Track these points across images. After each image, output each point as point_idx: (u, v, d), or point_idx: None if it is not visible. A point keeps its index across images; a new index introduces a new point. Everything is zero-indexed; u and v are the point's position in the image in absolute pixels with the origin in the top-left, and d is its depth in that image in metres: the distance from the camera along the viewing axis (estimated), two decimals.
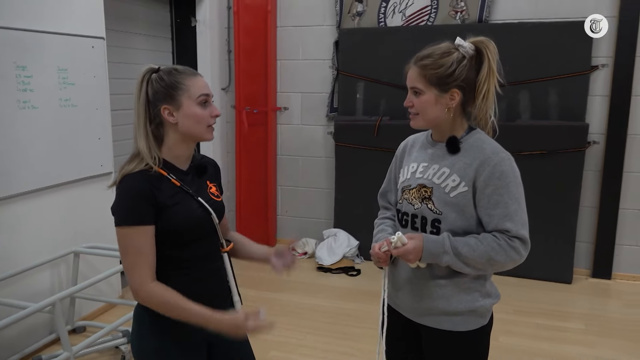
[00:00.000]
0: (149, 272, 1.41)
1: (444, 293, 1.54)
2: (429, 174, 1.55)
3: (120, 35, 4.16)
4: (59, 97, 3.09)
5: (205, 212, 1.52)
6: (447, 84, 1.48)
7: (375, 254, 1.57)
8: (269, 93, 4.70)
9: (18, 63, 2.81)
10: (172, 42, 4.83)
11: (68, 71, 3.14)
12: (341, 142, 4.58)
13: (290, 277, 4.14)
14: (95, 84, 3.36)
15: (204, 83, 1.51)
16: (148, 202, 1.41)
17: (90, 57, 3.30)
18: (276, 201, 5.01)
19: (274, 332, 3.27)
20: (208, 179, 1.60)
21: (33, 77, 2.91)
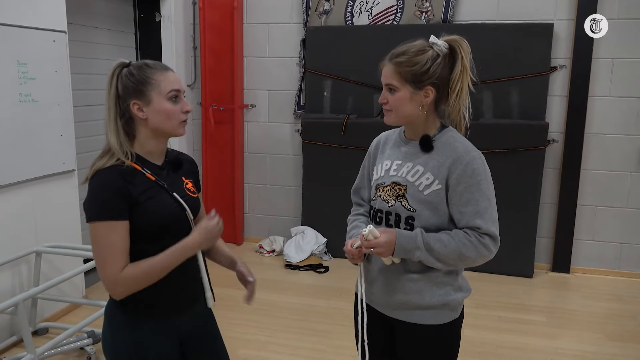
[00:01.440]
0: (122, 265, 1.39)
1: (417, 287, 1.57)
2: (402, 172, 1.58)
3: (83, 29, 4.05)
4: (19, 91, 2.99)
5: (180, 208, 1.50)
6: (422, 81, 1.50)
7: (348, 251, 1.59)
8: (235, 90, 4.67)
9: None
10: (135, 37, 4.73)
11: (28, 65, 3.04)
12: (309, 139, 4.59)
13: (257, 275, 4.15)
14: (56, 79, 3.26)
15: (174, 78, 1.49)
16: (122, 197, 1.39)
17: (51, 51, 3.20)
18: (243, 199, 4.98)
19: (242, 330, 3.26)
20: (184, 175, 1.59)
21: None
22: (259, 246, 4.78)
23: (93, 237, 1.39)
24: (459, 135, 1.59)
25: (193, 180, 1.63)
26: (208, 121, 4.76)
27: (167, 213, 1.47)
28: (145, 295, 1.45)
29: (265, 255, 4.68)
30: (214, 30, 4.62)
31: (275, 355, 3.00)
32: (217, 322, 1.77)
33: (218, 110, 4.74)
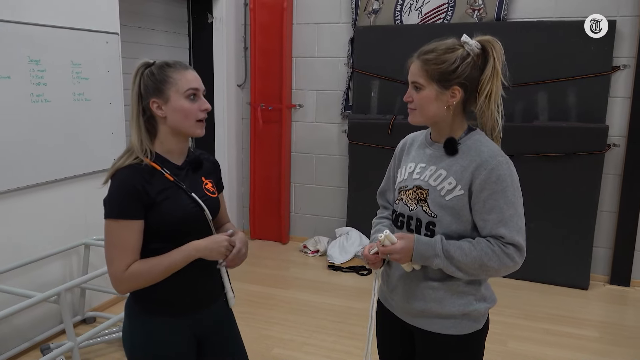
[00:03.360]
0: (127, 263, 1.41)
1: (437, 296, 1.51)
2: (425, 176, 1.52)
3: (138, 31, 4.20)
4: (73, 91, 3.14)
5: (198, 208, 1.51)
6: (449, 80, 1.44)
7: (365, 256, 1.55)
8: (283, 90, 4.70)
9: (32, 57, 2.86)
10: (189, 38, 4.86)
11: (82, 66, 3.19)
12: (355, 140, 4.55)
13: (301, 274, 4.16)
14: (108, 78, 3.40)
15: (193, 77, 1.49)
16: (138, 196, 1.41)
17: (104, 52, 3.34)
18: (290, 199, 5.01)
19: (279, 329, 3.27)
20: (203, 175, 1.59)
21: (47, 71, 2.96)
22: (303, 246, 4.79)
23: (106, 233, 1.42)
24: (487, 139, 1.51)
25: (214, 180, 1.63)
26: (256, 121, 4.82)
27: (183, 214, 1.48)
28: (160, 290, 1.47)
29: (309, 255, 4.68)
30: (264, 31, 4.67)
31: (308, 356, 2.99)
32: (237, 324, 1.75)
33: (266, 110, 4.79)
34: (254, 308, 3.61)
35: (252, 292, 3.88)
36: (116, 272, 1.40)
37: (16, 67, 2.78)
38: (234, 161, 5.03)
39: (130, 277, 1.40)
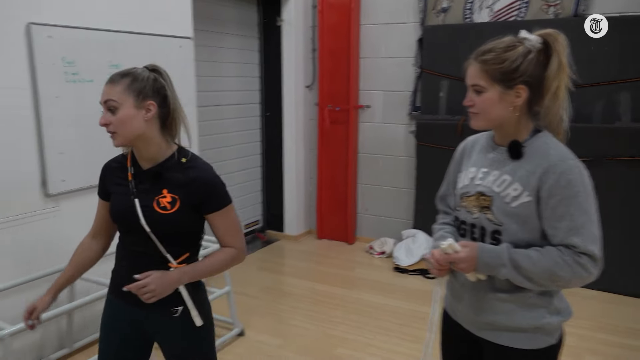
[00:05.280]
0: (90, 232, 1.72)
1: (506, 308, 1.43)
2: (488, 181, 1.45)
3: (210, 35, 4.36)
4: None
5: (134, 213, 1.52)
6: (513, 79, 1.37)
7: (436, 260, 1.46)
8: (351, 91, 4.71)
9: (112, 62, 3.04)
10: (259, 41, 4.98)
11: None
12: (423, 141, 4.48)
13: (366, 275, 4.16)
14: (182, 81, 3.55)
15: (104, 89, 1.51)
16: (102, 180, 1.66)
17: (178, 56, 3.50)
18: (356, 199, 5.01)
19: (343, 329, 3.28)
20: (166, 188, 1.53)
21: None
22: (369, 247, 4.77)
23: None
24: (554, 140, 1.42)
25: (182, 196, 1.53)
26: (324, 121, 4.86)
27: (118, 211, 1.58)
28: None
29: (375, 256, 4.66)
30: (332, 32, 4.71)
31: (371, 357, 2.98)
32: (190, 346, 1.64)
33: (334, 110, 4.83)
34: (319, 306, 3.65)
35: (317, 291, 3.92)
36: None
37: (99, 71, 2.97)
38: (302, 161, 5.11)
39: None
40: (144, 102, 1.48)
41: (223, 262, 1.59)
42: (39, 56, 2.66)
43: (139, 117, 1.48)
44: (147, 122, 1.50)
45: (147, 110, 1.49)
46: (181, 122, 1.57)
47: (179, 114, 1.56)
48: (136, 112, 1.48)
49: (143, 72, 1.52)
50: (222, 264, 1.59)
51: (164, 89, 1.53)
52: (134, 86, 1.48)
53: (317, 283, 4.07)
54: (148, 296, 1.45)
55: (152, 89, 1.50)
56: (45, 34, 2.68)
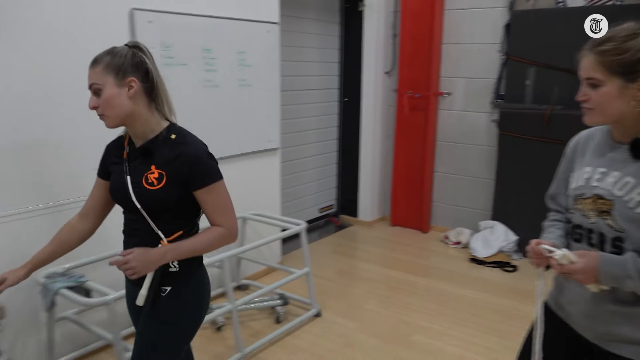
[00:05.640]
0: (81, 211, 1.71)
1: (630, 321, 1.33)
2: (607, 183, 1.34)
3: (293, 20, 4.42)
4: (237, 77, 3.42)
5: (127, 190, 1.54)
6: (635, 71, 1.26)
7: (531, 249, 1.41)
8: (431, 77, 4.63)
9: (205, 46, 3.16)
10: (340, 26, 4.99)
11: (245, 54, 3.45)
12: (506, 130, 4.35)
13: (441, 265, 4.12)
14: (268, 65, 3.63)
15: (88, 74, 1.50)
16: (103, 160, 1.67)
17: (265, 41, 3.58)
18: (432, 187, 4.95)
19: (418, 317, 3.28)
20: (154, 164, 1.53)
21: (216, 59, 3.25)
22: (444, 236, 4.71)
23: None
24: None
25: (170, 172, 1.52)
26: (402, 108, 4.82)
27: (113, 189, 1.60)
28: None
29: (450, 246, 4.60)
30: (414, 18, 4.63)
31: (448, 347, 2.96)
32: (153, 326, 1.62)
33: (413, 97, 4.77)
34: (393, 293, 3.66)
35: (391, 277, 3.93)
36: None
37: (192, 55, 3.10)
38: (378, 148, 5.10)
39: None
40: (124, 79, 1.47)
41: (210, 240, 1.54)
42: (140, 40, 2.79)
43: (122, 95, 1.47)
44: (131, 99, 1.48)
45: (129, 87, 1.47)
46: (165, 96, 1.56)
47: (162, 88, 1.55)
48: (118, 91, 1.46)
49: (121, 50, 1.50)
50: (209, 242, 1.55)
51: (144, 64, 1.50)
52: (112, 65, 1.46)
53: (391, 269, 4.08)
54: (129, 272, 1.44)
55: (131, 64, 1.48)
56: (146, 19, 2.82)
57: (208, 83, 3.22)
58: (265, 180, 3.80)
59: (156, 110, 1.55)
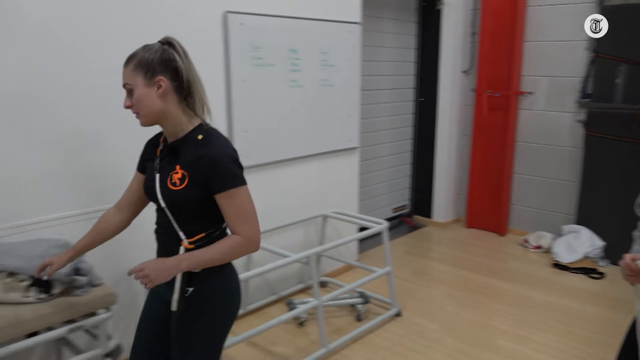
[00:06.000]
0: (117, 203, 1.74)
1: None
2: None
3: (371, 19, 4.43)
4: (320, 77, 3.47)
5: (154, 188, 1.55)
6: None
7: (626, 265, 1.36)
8: (513, 76, 4.51)
9: (291, 47, 3.23)
10: (417, 25, 4.95)
11: (328, 54, 3.49)
12: (594, 131, 4.17)
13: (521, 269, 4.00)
14: (349, 65, 3.66)
15: (122, 72, 1.49)
16: (142, 155, 1.69)
17: (347, 41, 3.61)
18: (510, 189, 4.82)
19: (502, 321, 3.21)
20: (179, 164, 1.51)
21: (301, 60, 3.31)
22: (524, 240, 4.57)
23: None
24: None
25: (192, 174, 1.49)
26: (481, 107, 4.72)
27: (145, 187, 1.61)
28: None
29: (531, 250, 4.46)
30: (495, 15, 4.53)
31: (534, 353, 2.88)
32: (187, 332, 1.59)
33: (492, 96, 4.66)
34: (473, 295, 3.60)
35: (469, 280, 3.86)
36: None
37: (279, 56, 3.17)
38: (454, 148, 5.02)
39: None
40: (153, 78, 1.45)
41: (227, 249, 1.48)
42: (232, 42, 2.91)
43: (152, 94, 1.45)
44: (161, 98, 1.46)
45: (158, 86, 1.46)
46: (198, 94, 1.52)
47: (195, 86, 1.51)
48: (148, 90, 1.45)
49: (151, 48, 1.47)
50: (226, 251, 1.48)
51: (174, 62, 1.46)
52: (141, 64, 1.45)
53: (469, 272, 4.01)
54: (144, 281, 1.42)
55: (160, 63, 1.45)
56: (238, 22, 2.92)
57: (293, 83, 3.29)
58: (344, 179, 3.83)
59: (188, 108, 1.52)
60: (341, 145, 3.74)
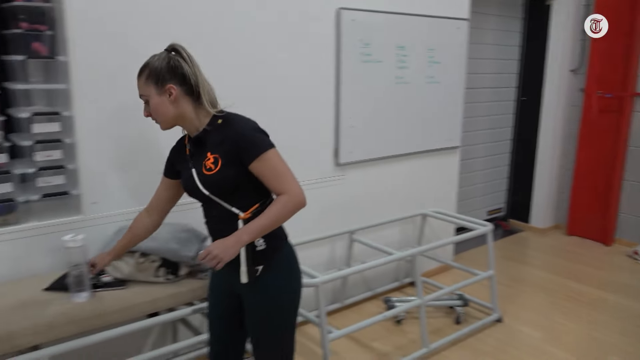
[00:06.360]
0: (147, 206, 1.83)
1: None
2: None
3: (475, 16, 4.30)
4: (426, 74, 3.42)
5: (194, 182, 1.62)
6: None
7: None
8: (629, 77, 4.22)
9: (399, 43, 3.21)
10: (523, 21, 4.76)
11: (435, 51, 3.44)
12: None
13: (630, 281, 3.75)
14: (455, 62, 3.59)
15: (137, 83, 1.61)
16: (168, 161, 1.77)
17: (454, 38, 3.53)
18: (619, 197, 4.52)
19: (612, 336, 3.03)
20: (209, 150, 1.60)
21: (408, 56, 3.28)
22: (633, 252, 4.28)
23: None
24: None
25: (221, 153, 1.58)
26: (590, 109, 4.46)
27: (185, 186, 1.67)
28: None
29: None
30: (610, 11, 4.24)
31: None
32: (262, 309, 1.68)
33: (603, 97, 4.39)
34: (578, 306, 3.42)
35: (573, 289, 3.67)
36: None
37: (387, 52, 3.16)
38: (558, 151, 4.78)
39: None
40: (163, 87, 1.56)
41: (277, 210, 1.54)
42: (344, 38, 2.93)
43: (165, 102, 1.57)
44: (175, 104, 1.57)
45: (169, 94, 1.56)
46: (206, 93, 1.60)
47: (203, 86, 1.59)
48: (161, 99, 1.57)
49: (158, 59, 1.57)
50: (277, 212, 1.54)
51: (180, 68, 1.56)
52: (151, 76, 1.55)
53: (572, 281, 3.81)
54: (215, 262, 1.48)
55: (168, 71, 1.55)
56: (350, 18, 2.94)
57: (399, 80, 3.27)
58: (443, 179, 3.76)
59: (200, 105, 1.61)
60: (443, 144, 3.67)
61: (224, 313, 1.80)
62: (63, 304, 1.84)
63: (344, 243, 3.22)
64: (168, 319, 2.03)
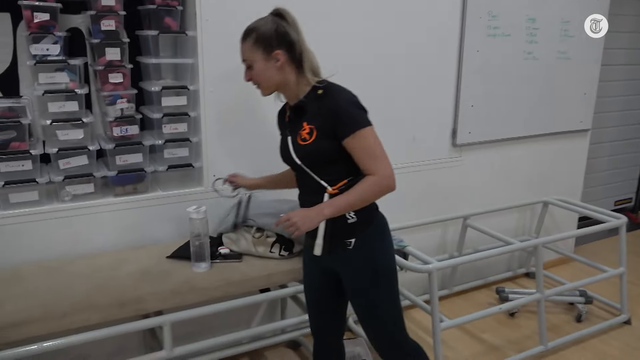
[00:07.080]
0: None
1: None
2: None
3: None
4: (557, 49, 3.12)
5: (288, 150, 1.62)
6: None
7: None
8: None
9: (529, 15, 2.95)
10: None
11: (569, 23, 3.12)
12: None
13: None
14: (591, 37, 3.24)
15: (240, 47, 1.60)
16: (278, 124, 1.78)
17: (591, 8, 3.18)
18: None
19: None
20: (306, 120, 1.58)
21: (540, 29, 3.01)
22: None
23: None
24: None
25: (317, 124, 1.55)
26: None
27: (281, 153, 1.68)
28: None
29: None
30: None
31: None
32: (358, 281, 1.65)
33: None
34: None
35: None
36: None
37: (516, 25, 2.92)
38: None
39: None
40: (271, 53, 1.54)
41: (364, 190, 1.52)
42: (470, 9, 2.74)
43: (272, 67, 1.55)
44: (280, 70, 1.56)
45: (276, 60, 1.54)
46: (309, 62, 1.57)
47: (306, 55, 1.57)
48: (267, 65, 1.55)
49: (265, 24, 1.54)
50: (364, 192, 1.52)
51: (288, 35, 1.53)
52: (259, 40, 1.53)
53: None
54: (292, 229, 1.50)
55: (277, 38, 1.53)
56: None
57: (528, 55, 3.02)
58: (569, 165, 3.46)
59: (303, 73, 1.59)
60: (572, 127, 3.36)
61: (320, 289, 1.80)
62: (185, 273, 1.92)
63: (456, 228, 3.08)
64: (282, 294, 2.04)
